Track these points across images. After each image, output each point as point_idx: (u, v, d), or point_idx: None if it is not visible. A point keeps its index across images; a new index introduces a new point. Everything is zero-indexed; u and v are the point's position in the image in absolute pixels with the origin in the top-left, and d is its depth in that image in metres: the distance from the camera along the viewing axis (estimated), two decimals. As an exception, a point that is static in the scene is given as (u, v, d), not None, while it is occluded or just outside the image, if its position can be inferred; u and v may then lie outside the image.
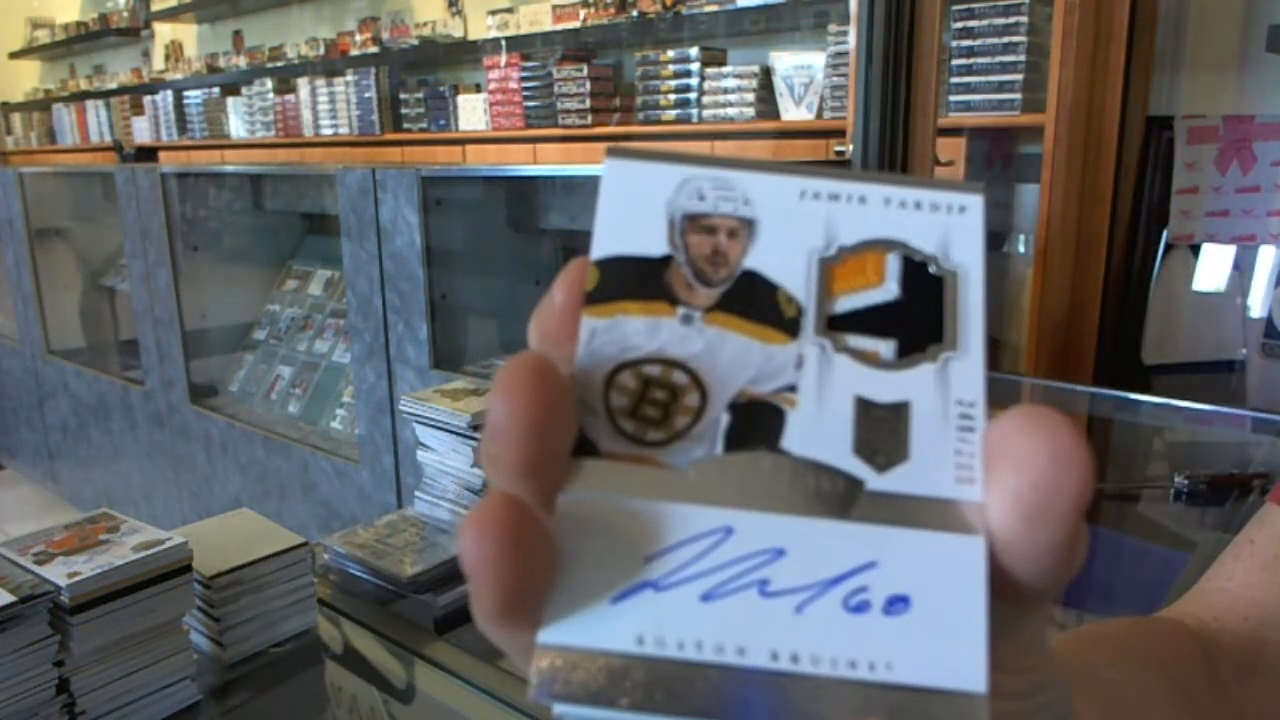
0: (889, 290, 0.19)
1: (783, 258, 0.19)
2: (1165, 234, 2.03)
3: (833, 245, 0.19)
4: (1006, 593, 0.17)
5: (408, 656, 0.98)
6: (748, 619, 0.16)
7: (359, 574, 1.11)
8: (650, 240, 0.19)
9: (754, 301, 0.19)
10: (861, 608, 0.16)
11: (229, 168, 3.56)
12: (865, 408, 0.18)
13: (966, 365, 0.18)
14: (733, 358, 0.18)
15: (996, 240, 2.17)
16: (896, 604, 0.16)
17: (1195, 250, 2.03)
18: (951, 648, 0.16)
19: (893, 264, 0.19)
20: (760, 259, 0.19)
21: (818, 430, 0.18)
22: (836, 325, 0.19)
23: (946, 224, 0.19)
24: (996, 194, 2.14)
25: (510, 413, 0.16)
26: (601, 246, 0.19)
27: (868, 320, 0.19)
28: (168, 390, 3.09)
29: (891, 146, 1.47)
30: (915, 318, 0.19)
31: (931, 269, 0.19)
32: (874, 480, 0.17)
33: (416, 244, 2.15)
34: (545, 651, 0.16)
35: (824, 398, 0.18)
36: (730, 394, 0.18)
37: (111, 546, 0.83)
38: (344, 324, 2.89)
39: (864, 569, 0.17)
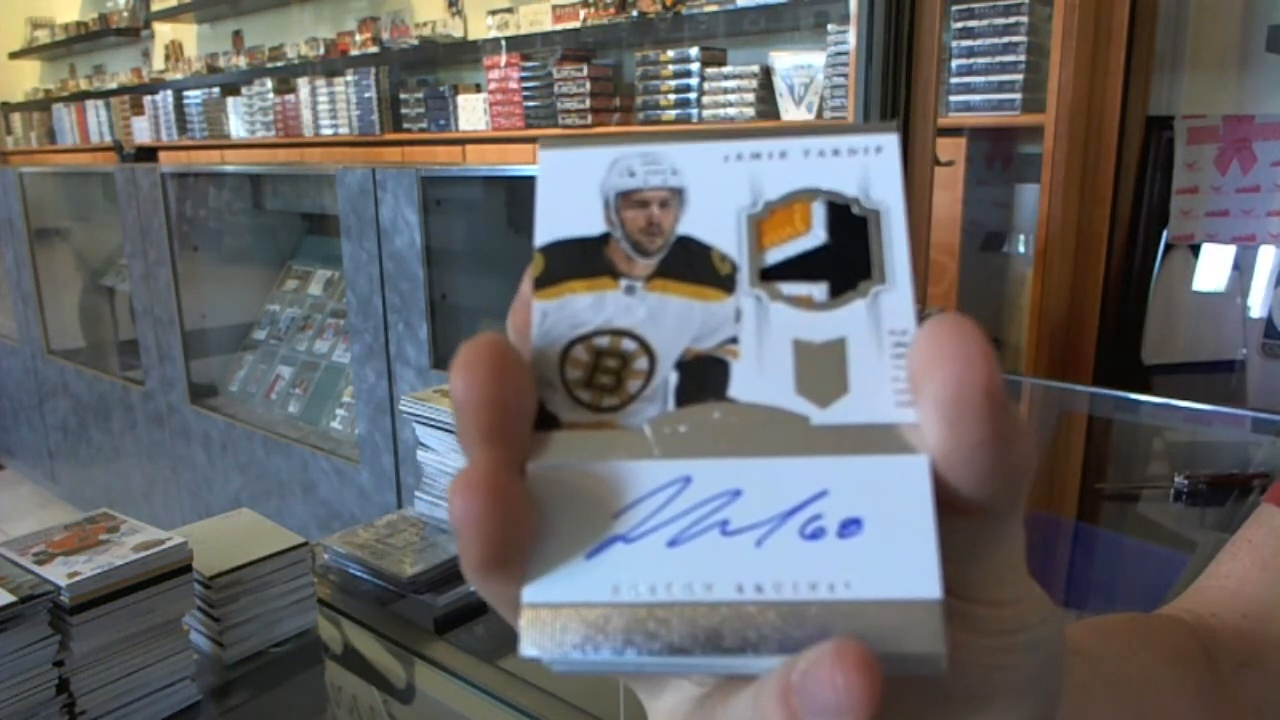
0: (816, 236, 0.20)
1: (713, 220, 0.20)
2: (1165, 234, 2.03)
3: (759, 202, 0.20)
4: (958, 507, 0.18)
5: (408, 656, 0.98)
6: (712, 558, 0.17)
7: (359, 574, 1.11)
8: (588, 221, 0.20)
9: (690, 265, 0.20)
10: (817, 534, 0.17)
11: (229, 168, 3.56)
12: (803, 349, 0.19)
13: (895, 296, 0.19)
14: (675, 320, 0.19)
15: (996, 240, 2.17)
16: (850, 527, 0.17)
17: (1195, 250, 2.03)
18: (905, 560, 0.17)
19: (817, 211, 0.20)
20: (692, 224, 0.20)
21: (761, 376, 0.19)
22: (770, 276, 0.20)
23: (865, 165, 0.20)
24: (996, 194, 2.14)
25: (468, 388, 0.18)
26: (544, 234, 0.20)
27: (799, 267, 0.20)
28: (168, 390, 3.09)
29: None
30: (843, 258, 0.19)
31: (854, 210, 0.20)
32: (818, 415, 0.18)
33: (416, 244, 2.15)
34: (529, 609, 0.17)
35: (764, 345, 0.19)
36: (676, 354, 0.19)
37: (111, 546, 0.83)
38: (344, 324, 2.89)
39: (816, 498, 0.17)
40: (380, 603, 1.06)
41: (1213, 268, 2.02)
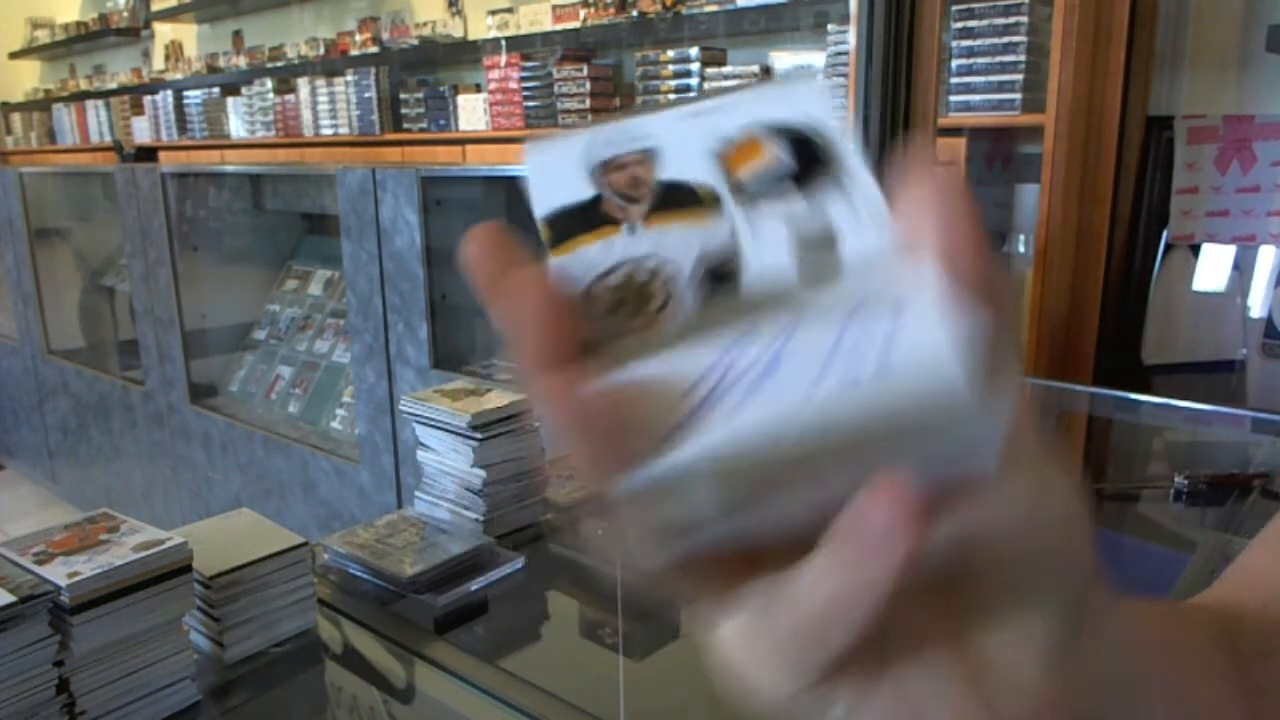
0: (778, 155, 0.23)
1: (687, 164, 0.23)
2: (1165, 234, 2.03)
3: (722, 141, 0.24)
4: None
5: (408, 656, 0.98)
6: (771, 416, 0.19)
7: (359, 574, 1.11)
8: (579, 189, 0.23)
9: (678, 200, 0.23)
10: (854, 382, 0.19)
11: (229, 168, 3.56)
12: (798, 240, 0.22)
13: (857, 181, 0.22)
14: (679, 243, 0.22)
15: (996, 240, 2.17)
16: (882, 363, 0.20)
17: (1195, 250, 2.03)
18: (934, 359, 0.19)
19: (773, 137, 0.23)
20: (670, 170, 0.23)
21: (768, 269, 0.22)
22: (748, 192, 0.23)
23: (802, 97, 0.24)
24: (996, 194, 2.14)
25: (519, 313, 0.20)
26: (542, 206, 0.23)
27: (770, 181, 0.23)
28: (168, 390, 3.09)
29: (891, 146, 1.47)
30: (805, 166, 0.23)
31: (802, 130, 0.23)
32: (825, 290, 0.21)
33: (416, 244, 2.15)
34: (623, 497, 0.20)
35: (761, 245, 0.22)
36: (688, 268, 0.22)
37: (111, 546, 0.83)
38: (344, 324, 2.89)
39: (844, 344, 0.20)
40: (380, 603, 1.06)
41: (1213, 268, 2.02)
